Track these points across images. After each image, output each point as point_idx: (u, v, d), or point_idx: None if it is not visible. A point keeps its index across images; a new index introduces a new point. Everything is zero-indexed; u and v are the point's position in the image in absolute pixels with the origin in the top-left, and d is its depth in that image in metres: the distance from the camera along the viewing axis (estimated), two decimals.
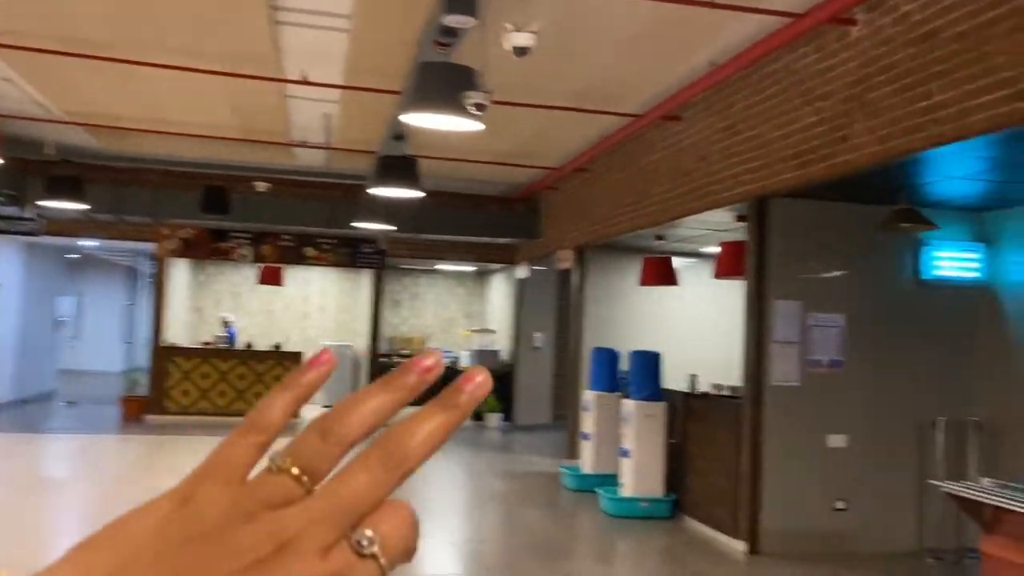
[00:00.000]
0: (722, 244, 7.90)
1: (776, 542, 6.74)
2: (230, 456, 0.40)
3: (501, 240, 13.85)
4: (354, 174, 11.56)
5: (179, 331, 15.28)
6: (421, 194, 7.83)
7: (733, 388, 7.48)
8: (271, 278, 14.44)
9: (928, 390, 7.00)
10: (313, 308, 17.31)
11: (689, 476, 7.82)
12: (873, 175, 5.72)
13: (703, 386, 8.13)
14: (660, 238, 9.77)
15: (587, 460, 9.07)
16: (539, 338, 14.84)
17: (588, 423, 9.07)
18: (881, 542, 6.92)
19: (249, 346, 14.53)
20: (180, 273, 15.31)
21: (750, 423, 6.73)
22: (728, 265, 7.72)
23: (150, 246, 13.66)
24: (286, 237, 13.87)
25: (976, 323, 7.11)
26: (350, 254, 14.10)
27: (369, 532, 0.37)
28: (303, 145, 10.51)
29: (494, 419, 14.36)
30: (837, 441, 6.86)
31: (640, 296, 11.53)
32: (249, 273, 16.08)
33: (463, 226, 13.41)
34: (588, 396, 9.10)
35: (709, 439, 7.51)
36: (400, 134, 7.48)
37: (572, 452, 11.20)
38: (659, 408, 7.91)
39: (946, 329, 7.10)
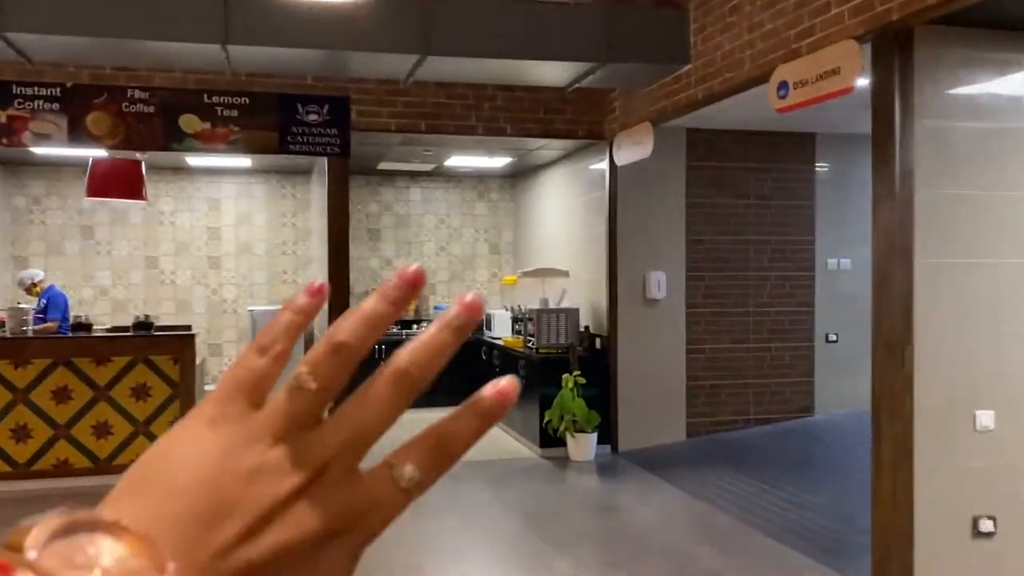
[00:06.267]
0: None
1: None
2: (250, 376, 0.38)
3: (590, 77, 6.61)
4: None
5: None
6: None
7: None
8: (113, 185, 6.94)
9: None
10: (227, 248, 9.92)
11: None
12: None
13: None
14: None
15: None
16: (657, 283, 7.70)
17: None
18: None
19: (85, 326, 7.15)
20: None
21: None
22: None
23: None
24: (138, 92, 6.47)
25: None
26: (275, 123, 6.69)
27: (410, 468, 0.38)
28: None
29: (586, 444, 7.27)
30: None
31: None
32: None
33: (513, 44, 6.10)
34: None
35: None
36: None
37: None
38: None
39: None
